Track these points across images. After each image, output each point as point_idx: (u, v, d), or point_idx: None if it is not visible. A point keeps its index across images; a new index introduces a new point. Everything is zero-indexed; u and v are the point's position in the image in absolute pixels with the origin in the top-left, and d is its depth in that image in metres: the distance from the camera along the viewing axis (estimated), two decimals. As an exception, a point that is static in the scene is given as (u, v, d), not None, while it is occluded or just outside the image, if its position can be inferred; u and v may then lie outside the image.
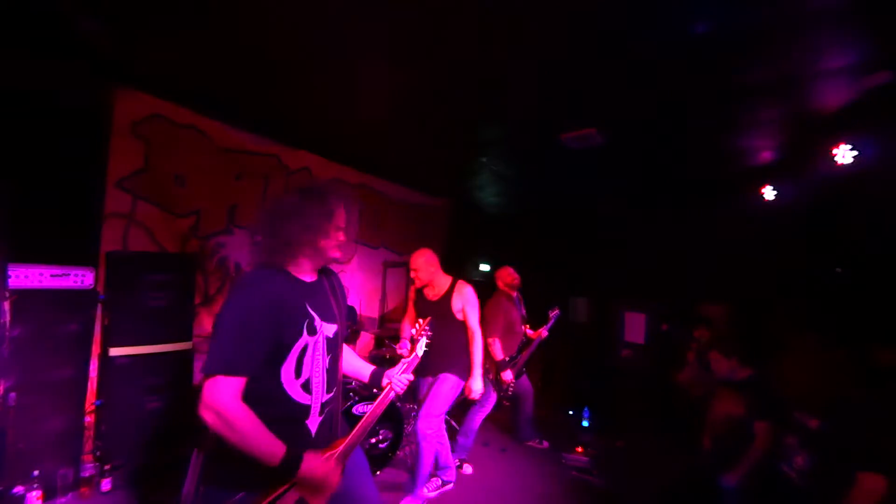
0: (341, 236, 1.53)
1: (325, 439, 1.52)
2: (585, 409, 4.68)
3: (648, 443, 4.18)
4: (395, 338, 4.69)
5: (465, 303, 2.99)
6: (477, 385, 2.92)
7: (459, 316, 2.99)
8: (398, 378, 1.77)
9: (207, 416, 1.24)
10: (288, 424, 1.40)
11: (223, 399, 1.25)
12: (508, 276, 4.00)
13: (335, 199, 1.52)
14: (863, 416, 1.99)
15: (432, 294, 3.06)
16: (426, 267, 2.99)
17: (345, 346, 1.80)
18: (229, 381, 1.26)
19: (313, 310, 1.47)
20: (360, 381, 1.87)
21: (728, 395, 2.91)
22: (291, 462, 1.31)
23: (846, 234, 3.78)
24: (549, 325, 3.98)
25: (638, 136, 3.61)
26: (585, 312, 6.09)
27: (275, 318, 1.34)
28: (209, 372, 1.27)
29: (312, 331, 1.45)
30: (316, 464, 1.37)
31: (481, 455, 3.91)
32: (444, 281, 3.05)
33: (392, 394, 1.74)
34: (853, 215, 3.66)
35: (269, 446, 1.29)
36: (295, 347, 1.39)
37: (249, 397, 1.30)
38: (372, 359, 4.19)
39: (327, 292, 1.58)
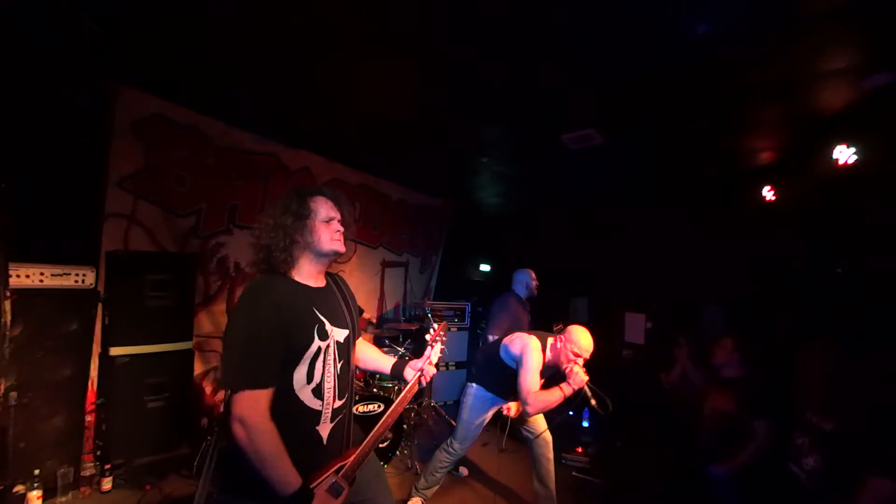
0: (334, 226, 1.49)
1: (337, 447, 1.50)
2: (585, 409, 4.67)
3: (648, 443, 4.18)
4: (396, 338, 4.69)
5: None
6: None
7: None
8: (425, 368, 1.71)
9: (236, 429, 1.26)
10: (299, 430, 1.39)
11: (254, 413, 1.26)
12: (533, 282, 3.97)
13: (310, 194, 1.51)
14: (875, 420, 1.98)
15: None
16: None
17: (361, 339, 1.77)
18: (256, 395, 1.27)
19: (322, 314, 1.46)
20: (381, 373, 1.84)
21: (718, 392, 2.94)
22: (303, 498, 1.30)
23: (846, 235, 3.77)
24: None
25: (638, 136, 3.61)
26: (586, 312, 6.08)
27: (283, 325, 1.34)
28: (235, 388, 1.27)
29: (324, 335, 1.44)
30: None
31: (480, 455, 3.91)
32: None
33: (417, 386, 1.70)
34: (853, 215, 3.65)
35: (286, 474, 1.28)
36: (308, 352, 1.39)
37: None
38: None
39: (337, 297, 1.56)
